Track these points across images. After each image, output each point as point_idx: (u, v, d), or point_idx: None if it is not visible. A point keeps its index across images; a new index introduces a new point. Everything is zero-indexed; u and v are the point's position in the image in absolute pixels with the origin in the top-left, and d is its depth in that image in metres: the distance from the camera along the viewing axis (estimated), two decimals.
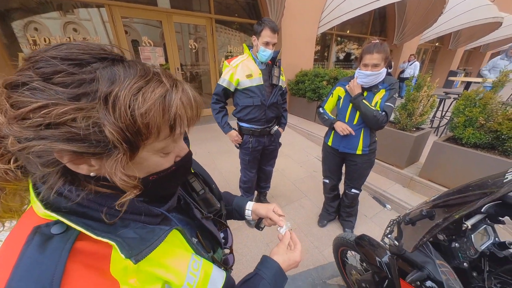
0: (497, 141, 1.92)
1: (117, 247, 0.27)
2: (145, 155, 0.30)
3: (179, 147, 0.36)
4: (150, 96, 0.27)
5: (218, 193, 0.60)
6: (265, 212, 0.62)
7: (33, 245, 0.26)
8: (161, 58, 4.06)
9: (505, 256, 0.66)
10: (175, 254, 0.36)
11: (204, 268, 0.39)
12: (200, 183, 0.55)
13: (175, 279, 0.34)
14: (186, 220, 0.47)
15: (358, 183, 1.68)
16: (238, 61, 1.48)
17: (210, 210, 0.54)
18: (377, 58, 1.24)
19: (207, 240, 0.49)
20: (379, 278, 1.04)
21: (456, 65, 9.81)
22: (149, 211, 0.36)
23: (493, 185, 0.57)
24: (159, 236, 0.32)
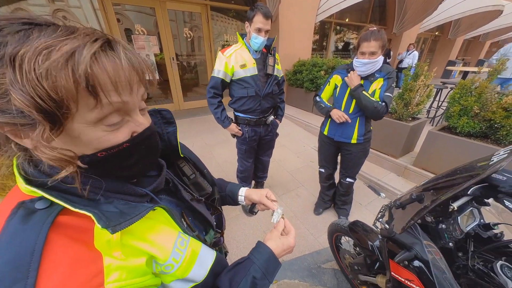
0: (490, 130, 1.96)
1: (94, 218, 0.27)
2: (78, 127, 0.27)
3: (134, 121, 0.32)
4: (54, 54, 0.23)
5: (210, 178, 0.61)
6: (258, 197, 0.63)
7: (17, 218, 0.27)
8: (156, 47, 3.95)
9: (489, 236, 0.70)
10: (161, 231, 0.37)
11: (192, 246, 0.40)
12: (190, 167, 0.55)
13: (160, 254, 0.34)
14: (175, 202, 0.48)
15: (352, 172, 1.71)
16: (231, 51, 1.44)
17: (202, 193, 0.55)
18: (374, 46, 1.23)
19: (198, 221, 0.51)
20: (371, 260, 1.09)
21: (455, 55, 9.74)
22: (133, 191, 0.36)
23: (479, 168, 0.58)
24: (140, 212, 0.32)
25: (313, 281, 1.52)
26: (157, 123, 0.49)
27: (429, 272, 0.66)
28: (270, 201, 0.62)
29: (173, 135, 0.51)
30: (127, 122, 0.31)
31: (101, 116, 0.28)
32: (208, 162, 2.86)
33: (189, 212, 0.49)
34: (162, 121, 0.50)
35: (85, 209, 0.28)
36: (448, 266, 0.64)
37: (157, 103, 4.47)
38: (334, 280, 1.52)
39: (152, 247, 0.34)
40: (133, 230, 0.33)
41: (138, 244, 0.33)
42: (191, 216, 0.49)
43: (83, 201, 0.30)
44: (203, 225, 0.52)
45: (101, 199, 0.33)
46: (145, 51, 3.87)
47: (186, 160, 0.56)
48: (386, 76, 1.35)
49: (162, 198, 0.46)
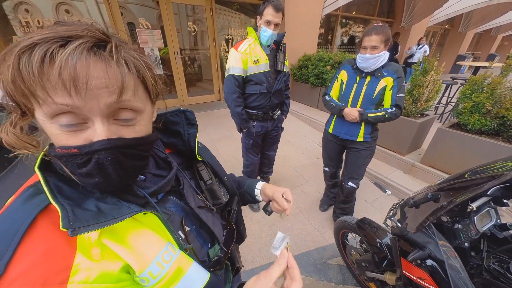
0: (502, 127, 1.91)
1: (60, 215, 0.27)
2: (39, 119, 0.28)
3: (93, 129, 0.29)
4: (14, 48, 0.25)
5: (231, 187, 0.57)
6: (271, 192, 0.59)
7: (23, 196, 0.29)
8: (160, 41, 3.92)
9: (505, 237, 0.68)
10: (145, 238, 0.33)
11: (179, 262, 0.35)
12: (208, 172, 0.53)
13: (135, 264, 0.31)
14: (182, 206, 0.45)
15: (356, 174, 1.61)
16: (245, 46, 1.40)
17: (215, 202, 0.52)
18: (376, 40, 1.22)
19: (205, 231, 0.47)
20: (379, 258, 1.09)
21: (464, 49, 9.45)
22: (132, 191, 0.36)
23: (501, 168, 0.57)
24: (121, 215, 0.30)
25: (319, 276, 1.53)
26: (180, 123, 0.50)
27: (442, 271, 0.65)
28: (283, 199, 0.56)
29: (193, 136, 0.50)
30: (87, 128, 0.29)
31: (50, 113, 0.27)
32: None
33: (195, 220, 0.46)
34: (186, 121, 0.50)
35: (57, 201, 0.28)
36: (462, 266, 0.64)
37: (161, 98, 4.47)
38: (340, 276, 1.53)
39: (128, 255, 0.31)
40: (115, 230, 0.31)
41: (115, 247, 0.31)
42: (197, 224, 0.46)
43: (72, 192, 0.31)
44: (210, 237, 0.48)
45: (97, 193, 0.33)
46: (149, 46, 3.84)
47: (205, 164, 0.54)
48: (396, 76, 1.32)
49: (170, 200, 0.44)
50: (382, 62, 1.30)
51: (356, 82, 1.42)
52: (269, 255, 1.64)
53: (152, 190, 0.38)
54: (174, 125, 0.50)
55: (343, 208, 1.78)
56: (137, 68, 0.31)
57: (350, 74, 1.45)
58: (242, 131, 1.70)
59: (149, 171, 0.42)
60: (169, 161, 0.46)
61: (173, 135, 0.51)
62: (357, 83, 1.42)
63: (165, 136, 0.51)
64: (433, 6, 5.82)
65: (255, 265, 1.58)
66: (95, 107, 0.28)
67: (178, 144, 0.51)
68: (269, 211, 0.61)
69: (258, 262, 1.59)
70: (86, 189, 0.33)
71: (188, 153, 0.52)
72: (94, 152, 0.29)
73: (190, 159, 0.54)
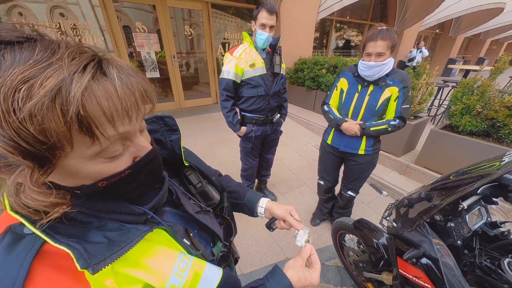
0: (492, 128, 1.97)
1: (73, 256, 0.25)
2: (74, 163, 0.25)
3: (135, 145, 0.29)
4: (37, 91, 0.20)
5: (219, 185, 0.58)
6: (281, 213, 0.57)
7: (2, 246, 0.25)
8: (156, 45, 3.92)
9: (496, 234, 0.71)
10: (158, 254, 0.33)
11: (194, 267, 0.36)
12: (197, 176, 0.52)
13: (156, 281, 0.31)
14: (180, 214, 0.44)
15: (356, 185, 1.56)
16: (240, 51, 1.44)
17: (209, 203, 0.52)
18: (382, 46, 1.09)
19: (205, 233, 0.48)
20: (376, 258, 1.11)
21: (455, 53, 9.73)
22: (130, 210, 0.34)
23: (490, 168, 0.59)
24: (133, 239, 0.29)
25: None
26: (159, 131, 0.47)
27: (437, 269, 0.67)
28: (294, 219, 0.56)
29: (176, 143, 0.48)
30: (127, 147, 0.29)
31: (100, 151, 0.25)
32: (211, 161, 2.87)
33: (194, 225, 0.46)
34: (165, 128, 0.47)
35: (65, 244, 0.25)
36: (456, 264, 0.66)
37: (158, 101, 4.45)
38: (338, 277, 1.54)
39: (147, 275, 0.31)
40: (127, 255, 0.30)
41: (131, 271, 0.30)
42: (196, 228, 0.47)
43: (70, 228, 0.28)
44: (210, 237, 0.49)
45: (94, 221, 0.30)
46: (145, 49, 3.85)
47: (192, 169, 0.53)
48: (402, 86, 1.20)
49: (166, 211, 0.43)
50: (388, 70, 1.18)
51: (358, 92, 1.30)
52: (267, 258, 1.64)
53: (152, 205, 0.37)
54: (153, 134, 0.47)
55: (342, 213, 1.77)
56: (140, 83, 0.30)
57: (350, 82, 1.33)
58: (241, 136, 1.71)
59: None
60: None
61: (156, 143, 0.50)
62: (358, 92, 1.29)
63: None
64: (424, 11, 5.99)
65: (253, 268, 1.57)
66: (137, 126, 0.29)
67: (161, 153, 0.48)
68: (274, 228, 0.60)
69: (257, 265, 1.59)
70: (80, 221, 0.30)
71: (172, 160, 0.50)
72: (148, 163, 0.31)
73: (174, 166, 0.52)
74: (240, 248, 1.71)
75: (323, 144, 1.62)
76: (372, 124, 1.29)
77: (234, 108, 1.56)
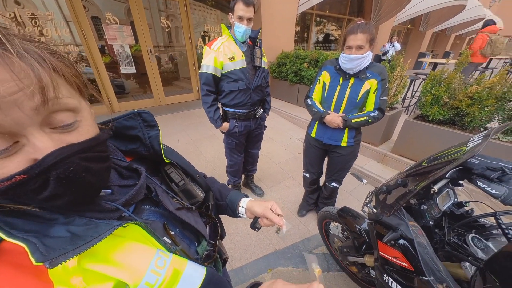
0: (457, 117, 2.15)
1: (28, 249, 0.23)
2: None
3: (31, 145, 0.24)
4: None
5: (204, 183, 0.57)
6: (261, 210, 0.57)
7: None
8: (130, 38, 3.68)
9: (462, 213, 0.78)
10: (132, 250, 0.32)
11: (174, 264, 0.35)
12: (179, 173, 0.51)
13: (129, 279, 0.30)
14: (160, 212, 0.43)
15: (339, 176, 1.64)
16: (218, 44, 1.40)
17: (193, 201, 0.52)
18: (361, 39, 1.13)
19: (188, 231, 0.47)
20: (359, 243, 1.18)
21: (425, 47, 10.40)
22: (100, 207, 0.32)
23: (457, 153, 0.65)
24: (101, 233, 0.27)
25: (305, 266, 1.60)
26: (137, 127, 0.45)
27: (412, 248, 0.72)
28: (275, 215, 0.55)
29: (155, 139, 0.46)
30: (21, 147, 0.24)
31: None
32: (196, 159, 2.81)
33: (176, 223, 0.45)
34: (144, 124, 0.46)
35: (18, 237, 0.24)
36: (429, 242, 0.72)
37: (136, 98, 4.23)
38: (325, 264, 1.62)
39: (119, 271, 0.29)
40: (96, 251, 0.29)
41: (101, 268, 0.28)
42: (179, 226, 0.46)
43: (30, 224, 0.26)
44: (195, 235, 0.49)
45: (60, 218, 0.29)
46: (118, 42, 3.59)
47: (173, 166, 0.52)
48: (380, 78, 1.26)
49: (145, 209, 0.42)
50: (367, 63, 1.23)
51: (339, 84, 1.34)
52: (257, 252, 1.67)
53: (124, 200, 0.35)
54: (131, 130, 0.45)
55: (326, 203, 1.85)
56: (44, 58, 0.25)
57: (332, 75, 1.36)
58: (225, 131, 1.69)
59: (113, 184, 0.39)
60: (135, 167, 0.42)
61: (132, 141, 0.47)
62: (340, 85, 1.34)
63: (122, 143, 0.47)
64: (398, 7, 6.30)
65: (243, 263, 1.59)
66: (21, 117, 0.22)
67: (140, 150, 0.47)
68: (258, 227, 0.59)
69: (247, 259, 1.61)
70: (44, 218, 0.28)
71: (152, 158, 0.49)
72: (50, 168, 0.24)
73: (155, 163, 0.51)
74: (229, 243, 1.72)
75: (307, 138, 1.65)
76: (354, 116, 1.34)
77: (215, 103, 1.53)
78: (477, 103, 1.98)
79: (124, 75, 4.01)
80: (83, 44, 3.29)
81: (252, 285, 0.46)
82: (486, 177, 0.59)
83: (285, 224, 0.53)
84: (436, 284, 0.66)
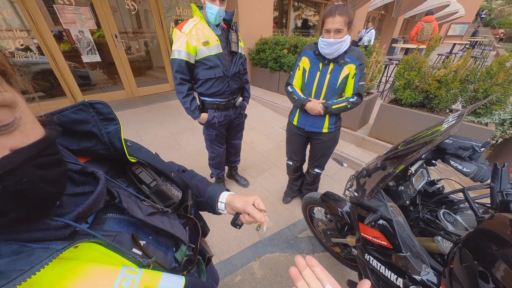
0: (426, 100, 2.29)
1: None
2: None
3: None
4: None
5: (181, 181, 0.52)
6: (242, 205, 0.52)
7: None
8: (90, 21, 3.27)
9: (434, 191, 0.83)
10: (88, 274, 0.27)
11: (145, 281, 0.31)
12: (149, 173, 0.45)
13: None
14: (128, 220, 0.38)
15: (321, 162, 1.67)
16: (190, 26, 1.27)
17: (168, 203, 0.46)
18: (340, 22, 1.10)
19: (164, 237, 0.43)
20: (341, 225, 1.23)
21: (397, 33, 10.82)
22: (43, 224, 0.26)
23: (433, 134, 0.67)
24: (34, 264, 0.22)
25: (292, 250, 1.65)
26: (91, 121, 0.38)
27: (391, 228, 0.76)
28: (257, 210, 0.51)
29: (115, 135, 0.40)
30: None
31: None
32: (176, 153, 2.68)
33: (149, 230, 0.40)
34: (99, 117, 0.38)
35: None
36: (405, 220, 0.75)
37: (104, 90, 3.85)
38: (310, 246, 1.68)
39: None
40: (40, 281, 0.23)
41: None
42: (153, 233, 0.41)
43: None
44: (172, 241, 0.44)
45: None
46: (76, 27, 3.18)
47: (142, 165, 0.45)
48: (359, 63, 1.26)
49: (108, 218, 0.36)
50: (346, 47, 1.21)
51: (319, 70, 1.32)
52: (244, 241, 1.68)
53: (77, 213, 0.29)
54: (82, 125, 0.38)
55: (310, 188, 1.90)
56: None
57: (312, 61, 1.34)
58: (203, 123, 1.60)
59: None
60: (91, 171, 0.35)
61: (86, 138, 0.39)
62: (320, 71, 1.32)
63: (73, 141, 0.39)
64: None
65: (231, 254, 1.59)
66: None
67: (97, 149, 0.40)
68: (240, 225, 0.54)
69: (234, 250, 1.61)
70: None
71: (114, 157, 0.42)
72: None
73: (120, 163, 0.44)
74: (216, 236, 1.70)
75: (289, 126, 1.64)
76: (334, 103, 1.34)
77: (191, 93, 1.42)
78: (444, 86, 2.11)
79: (89, 65, 3.60)
80: (32, 29, 2.85)
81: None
82: (459, 156, 0.62)
83: (266, 221, 0.48)
84: (412, 258, 0.70)
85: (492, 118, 2.07)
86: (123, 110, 3.51)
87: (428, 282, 0.67)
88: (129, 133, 2.94)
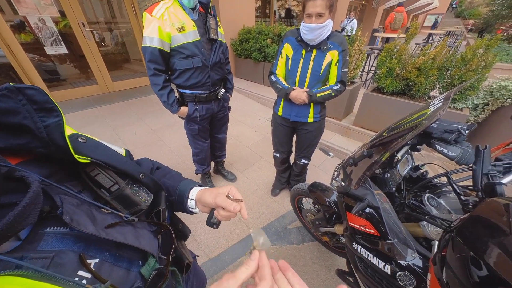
0: (406, 87, 2.34)
1: None
2: None
3: None
4: None
5: (151, 183, 0.45)
6: (212, 199, 0.45)
7: None
8: (52, 8, 2.94)
9: (418, 176, 0.83)
10: None
11: None
12: (108, 176, 0.38)
13: None
14: (76, 235, 0.31)
15: (308, 152, 1.66)
16: (162, 10, 1.14)
17: (134, 210, 0.40)
18: (321, 5, 1.07)
19: (127, 250, 0.36)
20: (329, 214, 1.22)
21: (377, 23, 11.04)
22: None
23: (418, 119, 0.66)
24: None
25: (282, 242, 1.64)
26: (21, 111, 0.29)
27: (378, 215, 0.75)
28: (230, 201, 0.44)
29: (56, 129, 0.32)
30: None
31: None
32: (158, 150, 2.55)
33: (105, 245, 0.34)
34: (33, 107, 0.30)
35: None
36: (392, 207, 0.75)
37: (76, 86, 3.54)
38: (299, 237, 1.69)
39: None
40: None
41: None
42: (111, 248, 0.34)
43: None
44: (138, 254, 0.38)
45: None
46: (36, 14, 2.84)
47: (100, 166, 0.38)
48: (341, 49, 1.24)
49: (47, 233, 0.29)
50: (328, 32, 1.19)
51: (302, 57, 1.29)
52: (234, 237, 1.64)
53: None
54: (10, 116, 0.29)
55: (298, 180, 1.89)
56: None
57: (295, 48, 1.30)
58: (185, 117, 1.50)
59: None
60: (19, 176, 0.27)
61: (18, 132, 0.31)
62: (303, 58, 1.29)
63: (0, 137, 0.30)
64: None
65: (220, 250, 1.55)
66: None
67: (32, 147, 0.32)
68: (216, 223, 0.47)
69: (223, 247, 1.58)
70: None
71: (60, 156, 0.34)
72: None
73: (72, 164, 0.36)
74: (204, 233, 1.65)
75: (274, 117, 1.61)
76: (318, 91, 1.32)
77: (167, 84, 1.31)
78: (423, 73, 2.17)
79: (57, 58, 3.27)
80: None
81: None
82: (444, 139, 0.61)
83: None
84: (399, 245, 0.70)
85: (466, 104, 2.17)
86: (98, 106, 3.26)
87: (414, 267, 0.67)
88: (106, 131, 2.74)
